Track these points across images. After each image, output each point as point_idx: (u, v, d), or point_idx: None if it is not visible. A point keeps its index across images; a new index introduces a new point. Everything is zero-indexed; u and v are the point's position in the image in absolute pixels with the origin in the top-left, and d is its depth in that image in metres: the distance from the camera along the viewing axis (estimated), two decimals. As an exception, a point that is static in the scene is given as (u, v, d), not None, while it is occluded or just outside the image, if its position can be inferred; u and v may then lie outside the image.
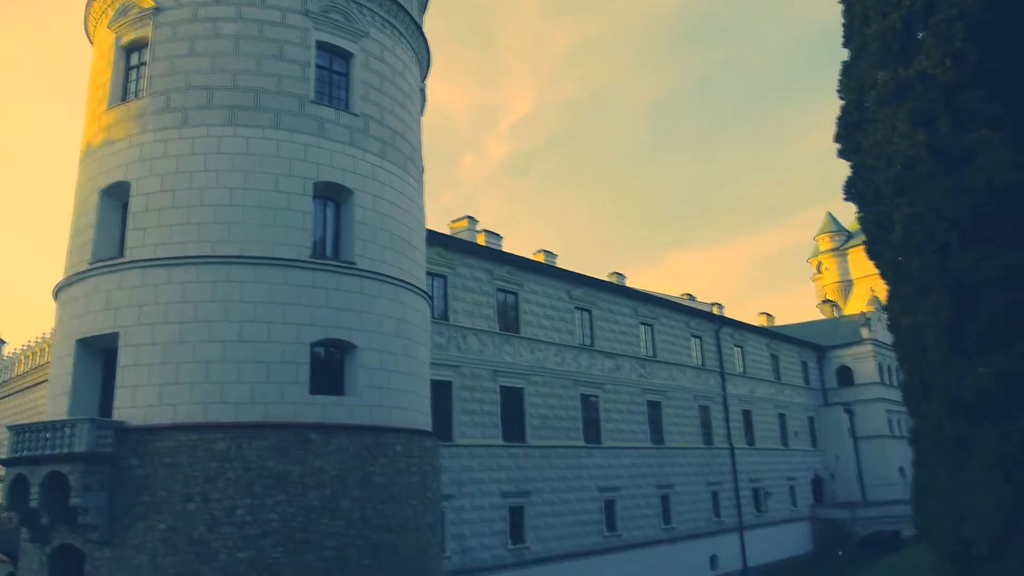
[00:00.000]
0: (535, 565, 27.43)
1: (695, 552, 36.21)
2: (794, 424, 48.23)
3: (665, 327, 38.63)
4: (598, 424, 32.48)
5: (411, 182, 19.75)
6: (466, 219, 32.11)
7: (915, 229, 12.04)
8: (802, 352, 51.55)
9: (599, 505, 31.21)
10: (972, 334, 11.66)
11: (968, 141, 11.77)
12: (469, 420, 26.38)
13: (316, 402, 15.84)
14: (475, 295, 27.84)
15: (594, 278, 34.32)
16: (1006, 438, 11.32)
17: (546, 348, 30.57)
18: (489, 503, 26.35)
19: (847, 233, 76.24)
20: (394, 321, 17.72)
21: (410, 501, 17.00)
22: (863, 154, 13.39)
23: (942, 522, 12.24)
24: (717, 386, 41.59)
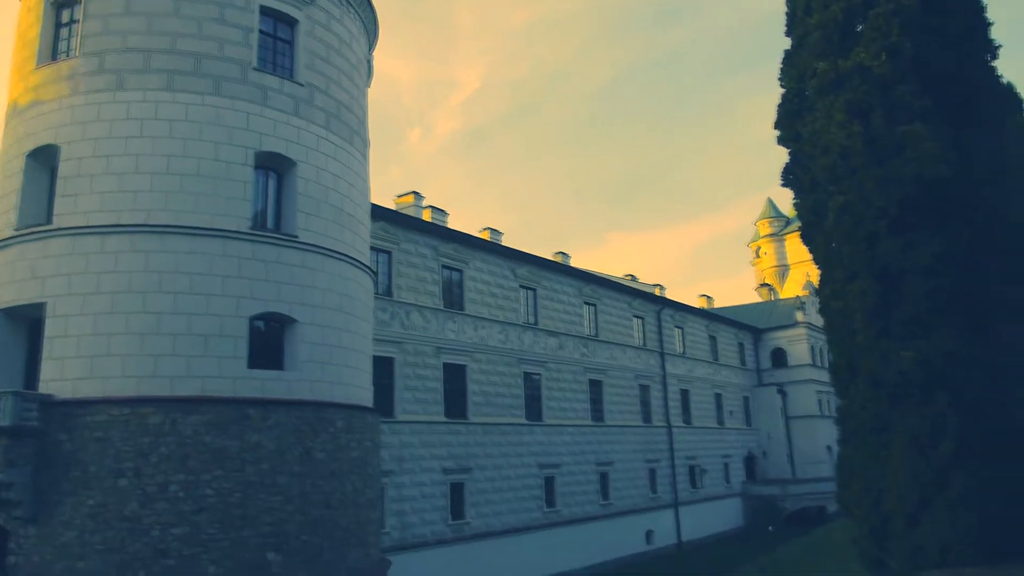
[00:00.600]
0: (475, 540, 27.74)
1: (632, 527, 37.11)
2: (730, 404, 49.63)
3: (608, 307, 39.16)
4: (540, 402, 32.85)
5: (356, 155, 19.47)
6: (412, 195, 31.86)
7: (847, 217, 12.47)
8: (739, 334, 52.94)
9: (539, 481, 31.65)
10: (897, 319, 12.17)
11: (900, 133, 12.20)
12: (411, 397, 26.36)
13: (255, 377, 15.60)
14: (419, 271, 27.71)
15: (539, 257, 34.52)
16: (924, 419, 11.90)
17: (490, 326, 30.69)
18: (430, 479, 26.46)
19: (785, 219, 78.35)
20: (337, 296, 17.53)
21: (350, 477, 16.96)
22: (801, 142, 13.76)
23: (863, 498, 12.81)
24: (657, 366, 42.44)
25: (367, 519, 17.56)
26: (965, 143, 12.62)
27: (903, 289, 12.12)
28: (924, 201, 12.07)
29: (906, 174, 11.97)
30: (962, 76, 13.10)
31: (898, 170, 12.08)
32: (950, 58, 12.91)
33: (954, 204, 12.21)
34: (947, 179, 11.93)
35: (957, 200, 12.23)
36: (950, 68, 12.97)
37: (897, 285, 12.24)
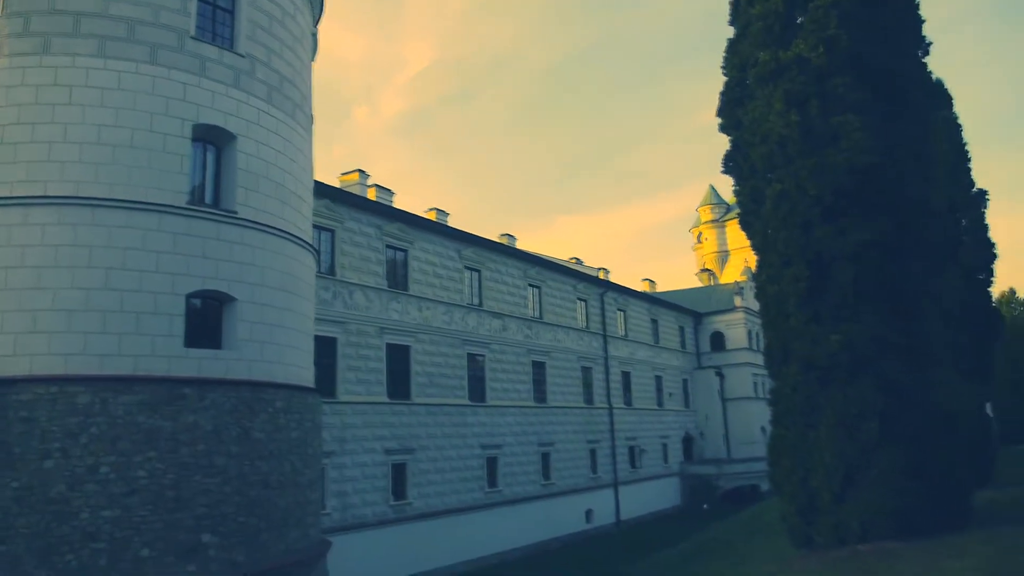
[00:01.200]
0: (417, 521, 27.79)
1: (572, 507, 37.69)
2: (670, 386, 50.66)
3: (552, 289, 39.42)
4: (483, 383, 32.96)
5: (299, 130, 19.05)
6: (357, 172, 31.39)
7: (783, 204, 12.82)
8: (680, 318, 53.96)
9: (481, 462, 31.84)
10: (827, 304, 12.61)
11: (834, 124, 12.58)
12: (354, 377, 26.15)
13: (191, 356, 15.20)
14: (363, 251, 27.40)
15: (485, 239, 34.49)
16: (850, 400, 12.39)
17: (434, 307, 30.59)
18: (372, 460, 26.35)
19: (727, 206, 79.87)
20: (277, 274, 17.19)
21: (290, 457, 16.73)
22: (742, 130, 14.06)
23: (792, 477, 13.31)
24: (599, 348, 42.98)
25: (307, 500, 17.38)
26: (895, 135, 13.09)
27: (833, 275, 12.56)
28: (855, 190, 12.49)
29: (839, 163, 12.36)
30: (895, 70, 13.56)
31: (832, 159, 12.46)
32: (884, 52, 13.34)
33: (882, 194, 12.67)
34: (877, 169, 12.36)
35: (885, 190, 12.69)
36: (884, 62, 13.41)
37: (828, 271, 12.68)
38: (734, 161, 14.41)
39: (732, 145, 14.47)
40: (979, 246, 22.01)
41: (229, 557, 14.62)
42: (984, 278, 22.37)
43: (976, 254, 21.69)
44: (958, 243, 20.46)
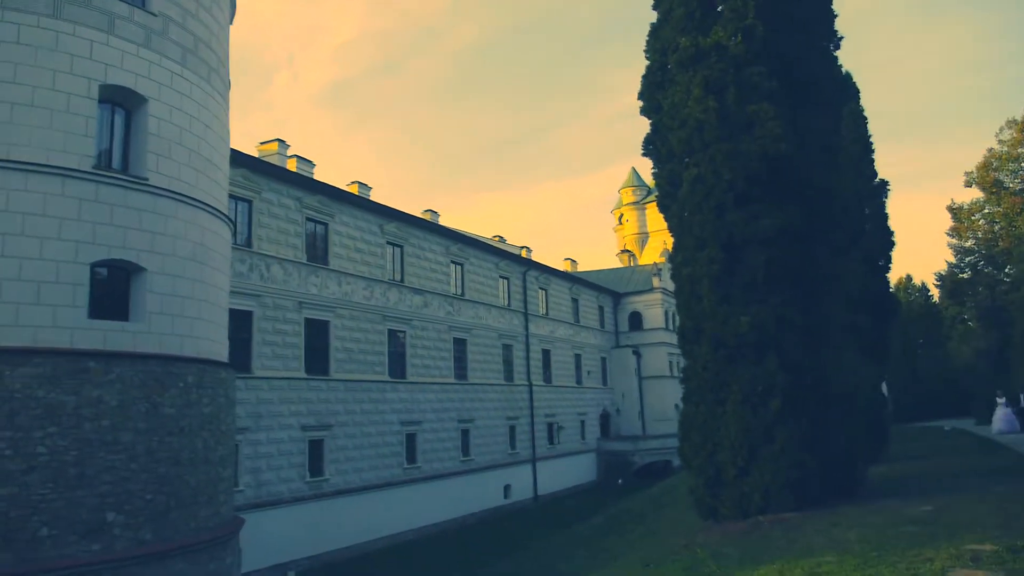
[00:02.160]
0: (334, 497, 27.57)
1: (491, 482, 38.11)
2: (588, 364, 51.62)
3: (475, 267, 39.47)
4: (404, 359, 32.82)
5: (215, 96, 18.36)
6: (276, 142, 30.50)
7: (699, 187, 13.18)
8: (600, 297, 54.94)
9: (401, 439, 31.78)
10: (737, 286, 13.09)
11: (750, 112, 12.98)
12: (270, 352, 25.60)
13: (96, 328, 14.57)
14: (282, 223, 26.74)
15: (407, 214, 34.15)
16: (756, 378, 12.94)
17: (355, 281, 30.19)
18: (288, 436, 25.95)
19: (647, 189, 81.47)
20: (190, 244, 16.61)
21: (201, 433, 16.31)
22: (662, 114, 14.33)
23: (700, 451, 13.81)
24: (521, 326, 43.38)
25: (218, 477, 17.00)
26: (805, 125, 13.63)
27: (744, 258, 13.04)
28: (767, 177, 12.96)
29: (753, 151, 12.79)
30: (807, 61, 14.07)
31: (746, 146, 12.88)
32: (798, 43, 13.82)
33: (792, 181, 13.19)
34: (788, 158, 12.85)
35: (795, 178, 13.22)
36: (797, 53, 13.90)
37: (740, 254, 13.15)
38: (653, 144, 14.70)
39: (652, 128, 14.74)
40: (880, 234, 23.19)
41: (136, 536, 14.20)
42: (883, 264, 23.61)
43: (877, 242, 22.85)
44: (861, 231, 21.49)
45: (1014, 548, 8.69)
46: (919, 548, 9.17)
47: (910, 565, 8.33)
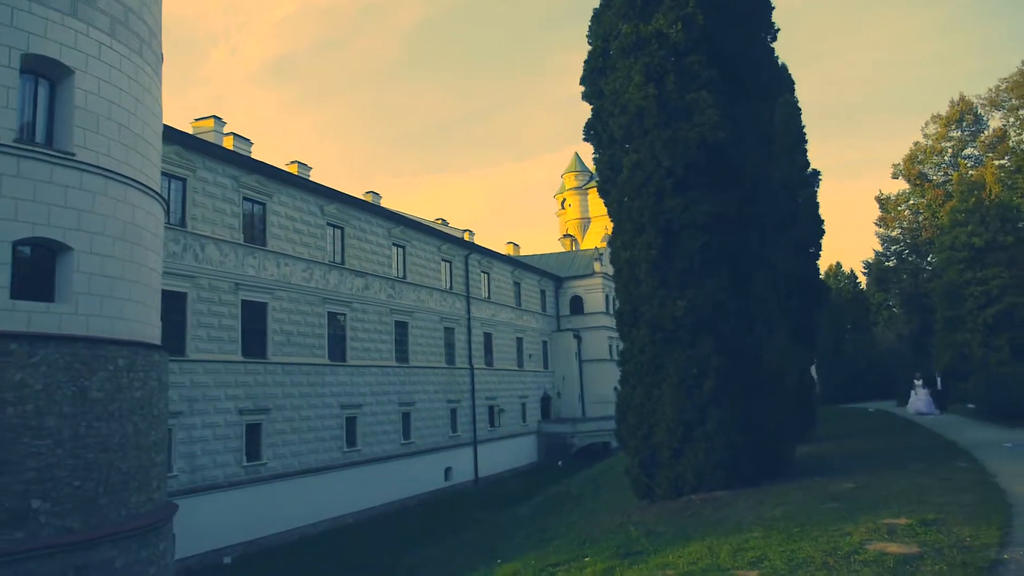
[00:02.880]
0: (272, 481, 27.23)
1: (432, 465, 38.18)
2: (530, 347, 52.01)
3: (417, 249, 39.24)
4: (344, 342, 32.50)
5: (146, 69, 17.70)
6: (212, 119, 29.65)
7: (638, 173, 13.37)
8: (542, 281, 55.31)
9: (340, 422, 31.52)
10: (675, 270, 13.37)
11: (689, 99, 13.21)
12: (205, 334, 25.02)
13: (19, 308, 13.99)
14: (218, 202, 26.06)
15: (349, 195, 33.69)
16: (691, 361, 13.27)
17: (294, 263, 29.69)
18: (224, 420, 25.47)
19: (590, 174, 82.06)
20: (120, 223, 16.05)
21: (132, 418, 15.86)
22: (603, 100, 14.46)
23: (637, 432, 14.11)
24: (463, 309, 43.37)
25: (151, 462, 16.59)
26: (742, 114, 13.94)
27: (682, 243, 13.31)
28: (704, 164, 13.23)
29: (692, 138, 13.03)
30: (745, 52, 14.37)
31: (685, 134, 13.11)
32: (736, 34, 14.10)
33: (728, 169, 13.50)
34: (725, 146, 13.14)
35: (731, 166, 13.52)
36: (735, 43, 14.18)
37: (677, 240, 13.42)
38: (595, 130, 14.83)
39: (593, 114, 14.86)
40: (811, 222, 23.95)
41: (63, 523, 13.78)
42: (814, 252, 24.40)
43: (808, 229, 23.60)
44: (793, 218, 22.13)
45: (925, 521, 9.19)
46: (840, 523, 9.60)
47: (830, 539, 8.72)
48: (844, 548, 8.23)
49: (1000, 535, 8.49)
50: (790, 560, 7.93)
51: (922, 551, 7.92)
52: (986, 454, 16.24)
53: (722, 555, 8.50)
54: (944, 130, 55.53)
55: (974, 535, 8.48)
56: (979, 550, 7.85)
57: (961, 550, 7.87)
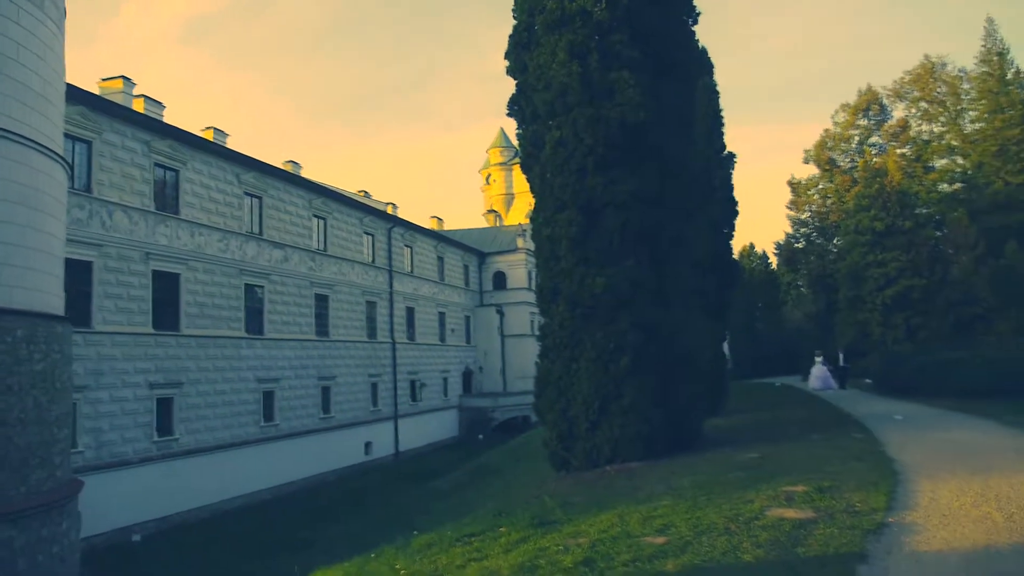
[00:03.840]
0: (184, 457, 26.52)
1: (351, 439, 37.89)
2: (452, 322, 52.03)
3: (338, 222, 38.56)
4: (262, 315, 31.76)
5: (47, 23, 16.68)
6: (120, 79, 28.25)
7: (561, 150, 13.49)
8: (465, 256, 55.27)
9: (257, 396, 30.90)
10: (594, 248, 13.61)
11: (611, 78, 13.38)
12: (113, 305, 24.00)
13: (-95, 275, 13.14)
14: (126, 167, 24.89)
15: (267, 164, 32.71)
16: (608, 337, 13.58)
17: (209, 233, 28.72)
18: (133, 394, 24.59)
19: (514, 150, 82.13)
20: (17, 187, 15.18)
21: (32, 392, 15.15)
22: (527, 75, 14.47)
23: (555, 406, 14.38)
24: (385, 283, 42.96)
25: (53, 438, 15.91)
26: (662, 95, 14.21)
27: (602, 221, 13.55)
28: (625, 143, 13.45)
29: (613, 117, 13.22)
30: (666, 33, 14.62)
31: (607, 112, 13.29)
32: (658, 15, 14.31)
33: (648, 149, 13.77)
34: (645, 126, 13.39)
35: (651, 145, 13.80)
36: (658, 24, 14.39)
37: (598, 217, 13.65)
38: (518, 105, 14.85)
39: (517, 89, 14.86)
40: (726, 203, 24.73)
41: (-45, 501, 13.12)
42: (728, 232, 25.23)
43: (723, 210, 24.37)
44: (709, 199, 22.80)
45: (821, 488, 9.77)
46: (743, 491, 10.09)
47: (733, 506, 9.17)
48: (746, 514, 8.67)
49: (887, 500, 9.11)
50: (695, 527, 8.30)
51: (816, 516, 8.42)
52: (879, 426, 17.28)
53: (632, 523, 8.82)
54: (852, 118, 58.02)
55: (864, 500, 9.06)
56: (867, 514, 8.41)
57: (851, 514, 8.42)
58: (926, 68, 55.84)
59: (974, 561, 6.62)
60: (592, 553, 7.51)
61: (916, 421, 18.26)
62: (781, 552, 7.06)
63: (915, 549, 7.09)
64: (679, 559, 7.03)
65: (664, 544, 7.66)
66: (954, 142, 54.67)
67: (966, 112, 54.74)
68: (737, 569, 6.61)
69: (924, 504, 8.91)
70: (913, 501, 9.09)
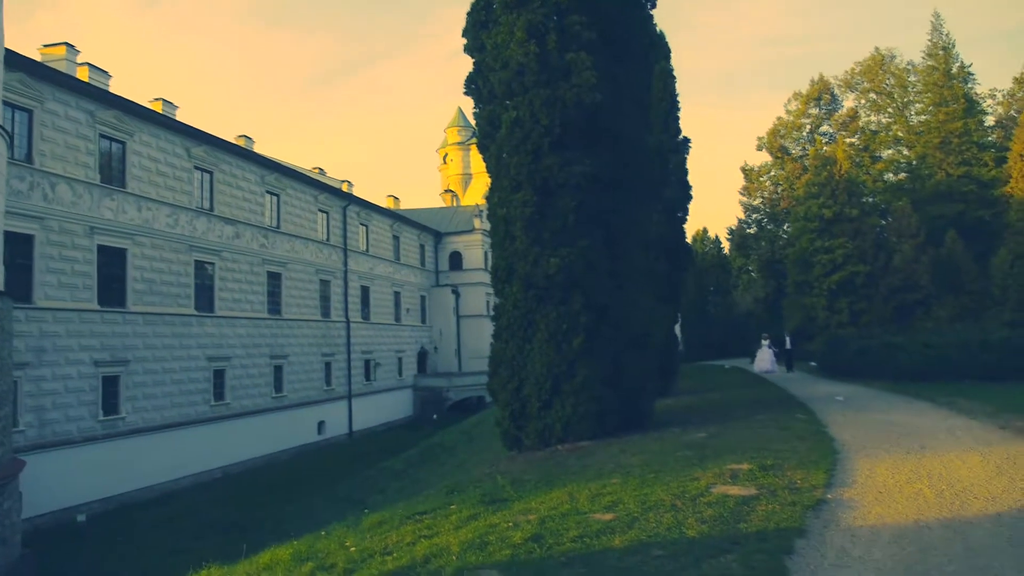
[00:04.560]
0: (132, 436, 26.01)
1: (304, 419, 37.59)
2: (408, 301, 51.81)
3: (292, 198, 37.96)
4: (212, 292, 31.18)
5: (-16, -13, 16.02)
6: (63, 46, 27.25)
7: (517, 131, 13.47)
8: (422, 236, 54.97)
9: (207, 375, 30.42)
10: (550, 228, 13.67)
11: (568, 59, 13.39)
12: (56, 280, 23.31)
13: None
14: (70, 138, 24.09)
15: (218, 138, 31.98)
16: (561, 317, 13.70)
17: (157, 208, 28.01)
18: (78, 372, 23.98)
19: (472, 129, 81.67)
20: (-47, 156, 14.63)
21: (-31, 368, 14.72)
22: (485, 54, 14.38)
23: (508, 385, 14.46)
24: (340, 262, 42.53)
25: (-8, 415, 15.50)
26: (619, 78, 14.29)
27: (557, 202, 13.61)
28: (582, 124, 13.50)
29: (569, 98, 13.24)
30: (624, 16, 14.67)
31: (564, 94, 13.30)
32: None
33: (604, 131, 13.85)
34: (602, 108, 13.46)
35: (607, 128, 13.88)
36: (616, 7, 14.44)
37: (553, 198, 13.70)
38: (476, 84, 14.76)
39: (475, 68, 14.75)
40: (680, 187, 25.02)
41: None
42: (681, 216, 25.56)
43: (677, 194, 24.66)
44: (664, 182, 23.03)
45: (764, 466, 10.07)
46: (690, 469, 10.34)
47: (680, 484, 9.40)
48: (692, 491, 8.90)
49: (826, 477, 9.44)
50: (643, 503, 8.49)
51: (759, 493, 8.69)
52: (821, 407, 17.83)
53: (581, 500, 8.97)
54: (804, 107, 59.16)
55: (804, 478, 9.38)
56: (807, 491, 8.71)
57: (792, 491, 8.71)
58: (876, 60, 57.18)
59: (904, 535, 6.91)
60: (541, 529, 7.63)
61: (856, 402, 18.87)
62: (724, 527, 7.28)
63: (851, 524, 7.38)
64: (626, 535, 7.19)
65: (612, 520, 7.82)
66: (900, 133, 56.22)
67: (912, 104, 56.29)
68: (681, 544, 6.78)
69: (861, 481, 9.26)
70: (851, 479, 9.44)
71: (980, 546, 6.43)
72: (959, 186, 49.64)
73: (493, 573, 6.18)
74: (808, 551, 6.50)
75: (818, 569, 6.03)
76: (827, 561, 6.22)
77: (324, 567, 7.03)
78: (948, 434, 12.70)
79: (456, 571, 6.32)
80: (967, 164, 50.25)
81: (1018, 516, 7.30)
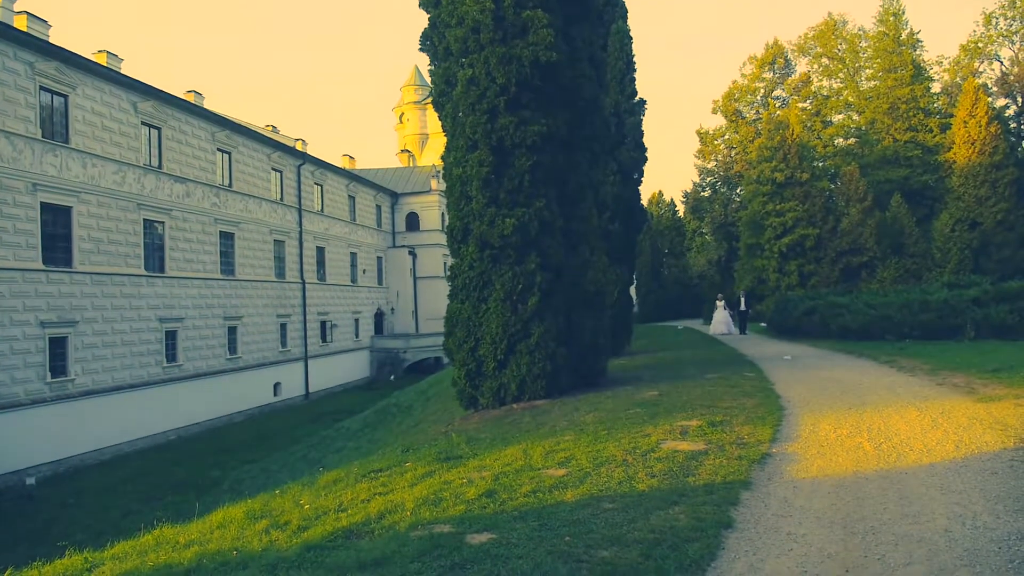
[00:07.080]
0: (81, 398, 25.55)
1: (260, 380, 37.32)
2: (364, 263, 51.38)
3: (245, 157, 37.11)
4: (163, 252, 30.52)
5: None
6: (-2, -6, 25.93)
7: (472, 89, 13.34)
8: (378, 196, 54.33)
9: (159, 336, 29.91)
10: (505, 188, 13.65)
11: (525, 17, 13.23)
12: (-4, 239, 22.54)
13: None
14: (8, 90, 23.11)
15: (167, 92, 30.96)
16: (517, 277, 13.77)
17: (103, 164, 27.14)
18: (23, 333, 23.38)
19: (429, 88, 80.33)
20: None
21: (-93, 329, 14.24)
22: (440, 9, 14.13)
23: (464, 345, 14.55)
24: (294, 222, 41.88)
25: (-67, 377, 15.06)
26: (576, 37, 14.21)
27: (513, 162, 13.58)
28: (538, 83, 13.42)
29: (526, 56, 13.12)
30: (581, -25, 14.55)
31: (520, 52, 13.17)
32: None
33: (561, 90, 13.81)
34: (558, 67, 13.39)
35: (563, 87, 13.84)
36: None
37: (509, 158, 13.66)
38: (431, 41, 14.50)
39: (430, 24, 14.48)
40: (636, 149, 25.08)
41: None
42: (637, 178, 25.67)
43: (633, 156, 24.75)
44: (619, 144, 23.11)
45: (713, 423, 10.38)
46: (641, 426, 10.60)
47: (632, 440, 9.64)
48: (643, 447, 9.14)
49: (772, 433, 9.77)
50: (595, 459, 8.70)
51: (707, 448, 8.97)
52: (769, 366, 18.34)
53: (535, 457, 9.15)
54: (758, 71, 59.55)
55: (751, 433, 9.70)
56: (754, 445, 9.02)
57: (739, 446, 9.01)
58: (829, 25, 57.69)
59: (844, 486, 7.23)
60: (495, 485, 7.79)
61: (803, 361, 19.45)
62: (673, 481, 7.51)
63: (794, 477, 7.69)
64: (578, 489, 7.38)
65: (564, 476, 8.01)
66: (850, 98, 57.09)
67: (863, 70, 57.09)
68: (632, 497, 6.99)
69: (804, 436, 9.61)
70: (795, 433, 9.79)
71: (914, 495, 6.76)
72: (905, 151, 50.81)
73: (447, 528, 6.29)
74: (753, 502, 6.76)
75: (762, 519, 6.28)
76: (770, 511, 6.48)
77: (278, 525, 7.08)
78: (888, 390, 13.20)
79: (410, 527, 6.43)
80: (913, 130, 51.40)
81: (950, 466, 7.68)
